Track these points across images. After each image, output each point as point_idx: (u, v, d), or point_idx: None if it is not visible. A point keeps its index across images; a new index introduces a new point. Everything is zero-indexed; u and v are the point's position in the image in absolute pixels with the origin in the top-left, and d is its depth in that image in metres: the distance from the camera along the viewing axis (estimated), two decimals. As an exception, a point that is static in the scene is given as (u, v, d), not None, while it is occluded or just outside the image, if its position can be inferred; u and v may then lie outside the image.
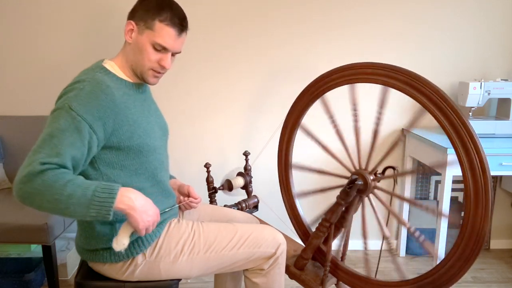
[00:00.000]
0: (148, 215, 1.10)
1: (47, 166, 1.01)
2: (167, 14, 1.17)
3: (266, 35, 2.25)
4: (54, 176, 1.00)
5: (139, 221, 1.08)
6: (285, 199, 1.67)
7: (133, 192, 1.09)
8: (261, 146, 2.36)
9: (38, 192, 1.00)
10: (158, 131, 1.31)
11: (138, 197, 1.09)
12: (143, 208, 1.08)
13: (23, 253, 2.15)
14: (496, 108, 2.36)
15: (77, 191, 1.01)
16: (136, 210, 1.07)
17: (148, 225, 1.10)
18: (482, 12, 2.29)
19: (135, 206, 1.07)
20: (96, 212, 1.02)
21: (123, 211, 1.06)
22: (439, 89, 1.13)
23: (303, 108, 1.52)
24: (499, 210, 2.54)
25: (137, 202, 1.07)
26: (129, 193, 1.08)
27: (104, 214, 1.03)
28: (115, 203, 1.04)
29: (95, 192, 1.02)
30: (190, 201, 1.41)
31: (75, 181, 1.03)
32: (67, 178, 1.02)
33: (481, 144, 1.09)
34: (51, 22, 2.17)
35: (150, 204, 1.12)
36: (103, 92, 1.12)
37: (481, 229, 1.10)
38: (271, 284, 1.35)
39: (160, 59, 1.21)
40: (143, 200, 1.10)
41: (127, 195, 1.07)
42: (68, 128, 1.05)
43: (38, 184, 0.99)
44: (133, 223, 1.08)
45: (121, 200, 1.05)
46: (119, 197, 1.05)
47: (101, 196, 1.02)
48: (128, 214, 1.07)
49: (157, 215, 1.14)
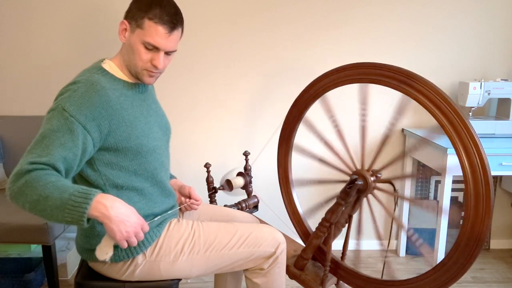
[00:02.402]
0: (127, 225, 1.02)
1: (34, 166, 1.00)
2: (156, 11, 1.14)
3: (266, 35, 2.25)
4: (38, 177, 0.98)
5: (115, 232, 1.01)
6: (285, 199, 1.67)
7: (111, 200, 1.02)
8: (261, 146, 2.36)
9: (22, 192, 0.98)
10: (157, 132, 1.30)
11: (115, 205, 1.01)
12: (120, 217, 1.00)
13: (23, 253, 2.15)
14: (496, 108, 2.36)
15: (54, 193, 0.97)
16: (111, 219, 1.00)
17: (127, 236, 1.03)
18: (482, 12, 2.30)
19: (110, 215, 0.99)
20: (71, 217, 0.97)
21: (98, 219, 1.00)
22: (439, 89, 1.13)
23: (306, 105, 1.52)
24: (499, 210, 2.54)
25: (113, 211, 1.00)
26: (105, 201, 1.00)
27: (78, 220, 0.97)
28: (89, 210, 0.98)
29: (71, 195, 0.97)
30: (192, 202, 1.41)
31: (57, 183, 0.99)
32: (49, 180, 0.99)
33: (481, 144, 1.09)
34: (51, 22, 2.17)
35: (131, 214, 1.04)
36: (97, 93, 1.11)
37: (481, 229, 1.10)
38: (271, 283, 1.35)
39: (152, 58, 1.18)
40: (122, 208, 1.02)
41: (103, 202, 1.00)
42: (60, 129, 1.05)
43: (22, 183, 0.99)
44: (109, 233, 1.02)
45: (95, 207, 0.99)
46: (94, 204, 0.98)
47: (76, 201, 0.97)
48: (103, 223, 1.00)
49: (140, 225, 1.05)
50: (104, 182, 1.17)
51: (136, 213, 1.06)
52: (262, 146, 2.35)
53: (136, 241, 1.05)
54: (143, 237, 1.07)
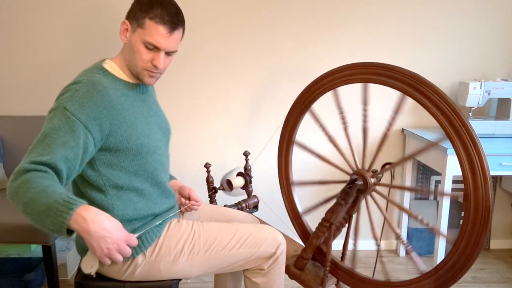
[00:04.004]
0: (108, 242, 0.96)
1: (33, 166, 0.99)
2: (157, 11, 1.14)
3: (266, 35, 2.25)
4: (32, 178, 0.96)
5: (95, 247, 0.96)
6: (285, 199, 1.67)
7: (94, 213, 0.96)
8: (261, 146, 2.36)
9: (17, 192, 0.97)
10: (158, 132, 1.30)
11: (97, 219, 0.96)
12: (101, 233, 0.95)
13: (23, 253, 2.15)
14: (496, 108, 2.36)
15: (42, 197, 0.94)
16: (90, 234, 0.95)
17: (108, 254, 0.97)
18: (482, 12, 2.30)
19: (89, 229, 0.94)
20: (53, 225, 0.93)
21: (77, 232, 0.96)
22: (439, 90, 1.13)
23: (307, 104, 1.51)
24: (499, 210, 2.54)
25: (94, 225, 0.95)
26: (87, 214, 0.95)
27: (58, 230, 0.93)
28: (69, 221, 0.93)
29: (55, 203, 0.93)
30: (192, 204, 1.41)
31: (48, 188, 0.95)
32: (42, 183, 0.96)
33: (481, 144, 1.09)
34: (51, 22, 2.17)
35: (114, 229, 0.98)
36: (98, 93, 1.11)
37: (481, 229, 1.10)
38: (271, 284, 1.35)
39: (152, 58, 1.18)
40: (105, 223, 0.97)
41: (83, 215, 0.94)
42: (61, 127, 1.05)
43: (18, 183, 0.97)
44: (89, 248, 0.97)
45: (75, 219, 0.94)
46: (74, 216, 0.94)
47: (59, 209, 0.93)
48: (83, 237, 0.96)
49: (124, 241, 1.00)
50: (104, 182, 1.17)
51: (121, 228, 1.01)
52: (262, 146, 2.35)
53: (121, 257, 1.01)
54: (129, 253, 1.02)
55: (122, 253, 1.01)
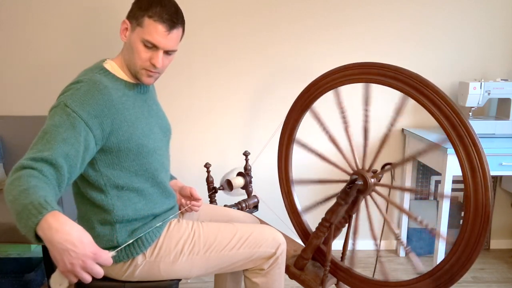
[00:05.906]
0: (72, 256, 0.83)
1: (30, 164, 0.96)
2: (156, 9, 1.14)
3: (266, 35, 2.25)
4: (21, 176, 0.91)
5: (57, 261, 0.84)
6: (285, 199, 1.67)
7: (62, 222, 0.84)
8: (261, 146, 2.36)
9: (6, 190, 0.93)
10: (158, 132, 1.30)
11: (63, 229, 0.84)
12: (64, 245, 0.82)
13: (23, 253, 2.16)
14: (496, 108, 2.36)
15: (21, 196, 0.87)
16: (53, 244, 0.83)
17: (72, 270, 0.84)
18: (482, 12, 2.30)
19: (52, 239, 0.83)
20: (24, 228, 0.85)
21: (43, 240, 0.85)
22: (439, 90, 1.13)
23: (307, 104, 1.51)
24: (499, 210, 2.54)
25: (58, 235, 0.83)
26: (54, 221, 0.84)
27: (28, 233, 0.85)
28: (37, 226, 0.84)
29: (29, 204, 0.85)
30: (193, 204, 1.41)
31: (31, 189, 0.88)
32: (28, 182, 0.90)
33: (481, 144, 1.09)
34: (51, 22, 2.17)
35: (82, 243, 0.84)
36: (100, 92, 1.11)
37: (481, 229, 1.10)
38: (271, 284, 1.35)
39: (151, 57, 1.18)
40: (72, 235, 0.84)
41: (50, 222, 0.83)
42: (62, 124, 1.04)
43: (10, 180, 0.93)
44: (53, 260, 0.85)
45: (42, 226, 0.83)
46: (42, 222, 0.83)
47: (31, 212, 0.84)
48: (47, 247, 0.85)
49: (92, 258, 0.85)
50: (105, 182, 1.17)
51: (91, 243, 0.87)
52: (262, 146, 2.35)
53: (89, 278, 0.86)
54: (99, 273, 0.87)
55: (89, 272, 0.86)
